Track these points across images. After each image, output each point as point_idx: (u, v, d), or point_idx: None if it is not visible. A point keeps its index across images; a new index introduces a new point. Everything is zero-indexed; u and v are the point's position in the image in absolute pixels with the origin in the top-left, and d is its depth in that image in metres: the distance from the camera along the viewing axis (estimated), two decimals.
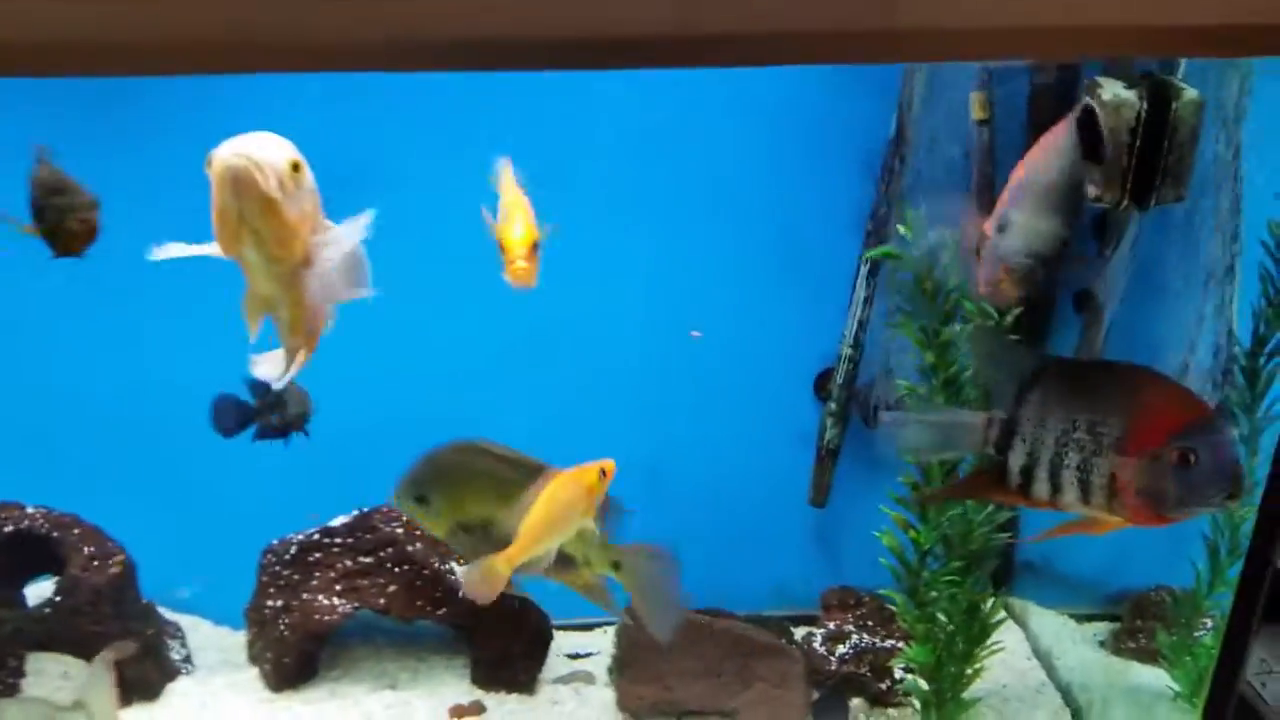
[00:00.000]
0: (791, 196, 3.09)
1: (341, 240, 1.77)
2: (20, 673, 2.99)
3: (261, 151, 1.62)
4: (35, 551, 2.90)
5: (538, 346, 3.10)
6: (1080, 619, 3.44)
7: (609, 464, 2.16)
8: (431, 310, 2.97)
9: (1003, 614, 2.97)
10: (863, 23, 1.83)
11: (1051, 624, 3.38)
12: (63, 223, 2.06)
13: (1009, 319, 2.51)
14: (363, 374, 2.90)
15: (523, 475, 2.08)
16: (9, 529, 2.88)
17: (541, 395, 3.17)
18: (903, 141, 2.99)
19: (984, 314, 2.52)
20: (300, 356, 1.93)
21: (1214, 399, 3.03)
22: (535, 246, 2.13)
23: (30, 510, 2.93)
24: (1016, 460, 1.98)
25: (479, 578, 2.00)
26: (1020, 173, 2.08)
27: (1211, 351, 3.07)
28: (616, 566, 2.18)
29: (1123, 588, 3.42)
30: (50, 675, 3.03)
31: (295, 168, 1.66)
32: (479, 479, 2.14)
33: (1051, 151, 2.02)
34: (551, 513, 2.15)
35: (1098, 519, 2.00)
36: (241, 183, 1.60)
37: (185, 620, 3.27)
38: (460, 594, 2.95)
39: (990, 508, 2.80)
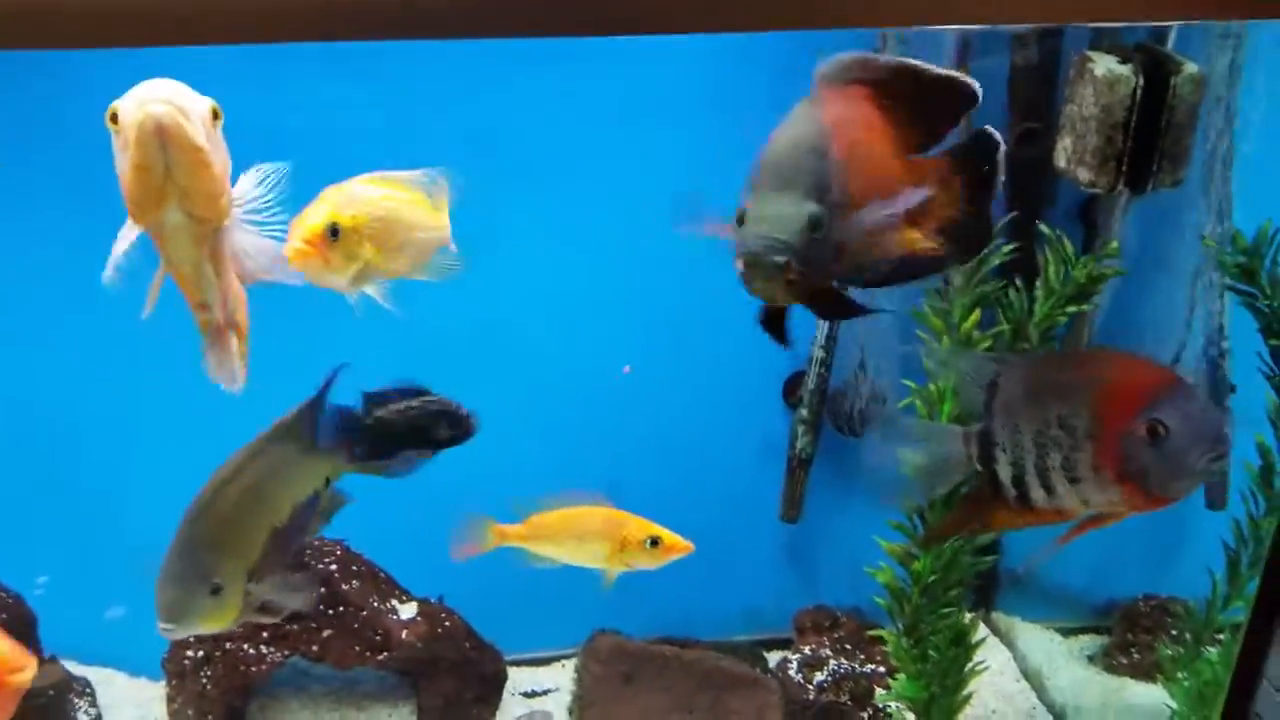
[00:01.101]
0: None
1: (252, 193, 1.64)
2: None
3: (183, 97, 1.45)
4: None
5: (486, 351, 2.83)
6: (1066, 633, 3.25)
7: (671, 540, 2.25)
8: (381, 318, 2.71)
9: (984, 632, 2.77)
10: None
11: (1039, 641, 3.18)
12: None
13: None
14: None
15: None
16: None
17: (491, 402, 2.91)
18: None
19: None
20: (238, 346, 1.77)
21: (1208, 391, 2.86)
22: (331, 233, 1.79)
23: None
24: (1005, 472, 1.89)
25: (469, 532, 2.11)
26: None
27: (1203, 344, 2.90)
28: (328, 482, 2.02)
29: (1109, 598, 3.23)
30: None
31: (215, 114, 1.50)
32: (262, 501, 1.88)
33: (789, 119, 1.66)
34: (564, 526, 2.26)
35: (1104, 515, 1.88)
36: (169, 133, 1.42)
37: (96, 673, 2.94)
38: (404, 634, 2.68)
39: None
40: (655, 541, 2.15)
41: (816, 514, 3.14)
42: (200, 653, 2.64)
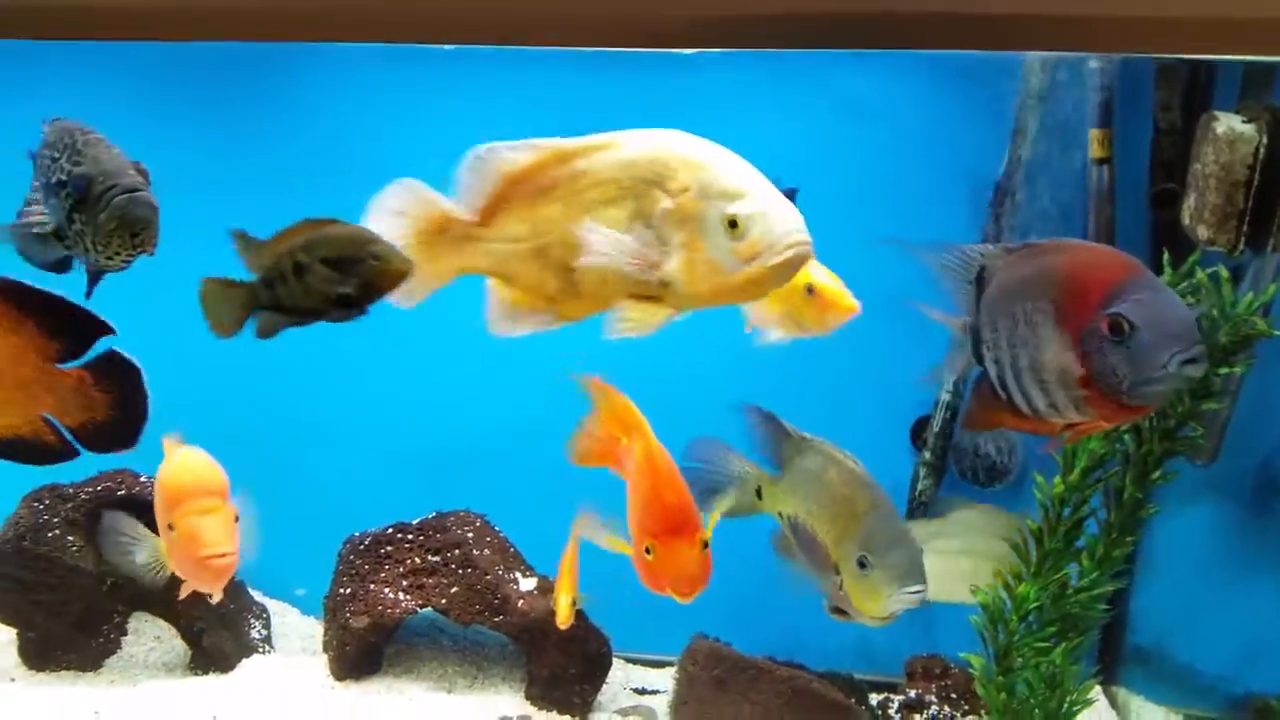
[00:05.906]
0: (892, 230, 2.98)
1: None
2: (123, 630, 3.20)
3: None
4: (142, 518, 3.09)
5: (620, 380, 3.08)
6: None
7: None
8: None
9: (1095, 695, 2.69)
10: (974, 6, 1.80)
11: None
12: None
13: None
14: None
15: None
16: (120, 493, 3.09)
17: None
18: (1012, 179, 2.84)
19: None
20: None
21: None
22: None
23: (143, 478, 3.13)
24: (992, 372, 1.80)
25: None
26: None
27: None
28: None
29: (1250, 691, 3.03)
30: (146, 636, 3.23)
31: None
32: None
33: None
34: None
35: (1079, 425, 1.74)
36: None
37: (275, 605, 3.42)
38: (519, 603, 2.96)
39: (1095, 574, 2.58)
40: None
41: None
42: (348, 590, 3.03)
